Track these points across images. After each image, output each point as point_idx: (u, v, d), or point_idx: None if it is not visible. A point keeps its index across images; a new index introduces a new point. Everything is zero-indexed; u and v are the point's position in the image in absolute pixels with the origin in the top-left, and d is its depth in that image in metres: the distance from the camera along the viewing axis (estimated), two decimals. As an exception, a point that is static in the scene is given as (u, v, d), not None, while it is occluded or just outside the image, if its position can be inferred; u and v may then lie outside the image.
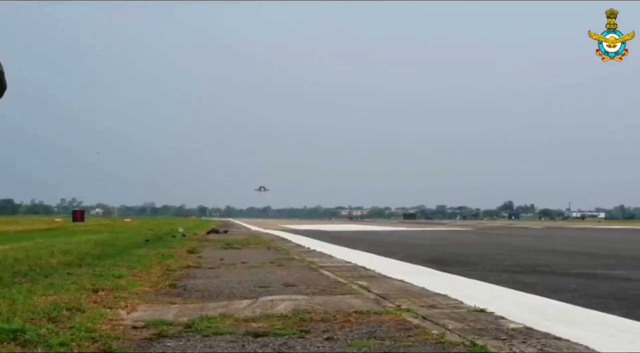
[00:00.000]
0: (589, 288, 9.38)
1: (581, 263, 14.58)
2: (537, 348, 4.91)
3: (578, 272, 12.06)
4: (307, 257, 15.04)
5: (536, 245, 24.77)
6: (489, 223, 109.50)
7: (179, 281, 9.88)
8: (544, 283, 10.16)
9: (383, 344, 5.08)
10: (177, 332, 5.61)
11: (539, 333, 5.53)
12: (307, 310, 6.71)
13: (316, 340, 5.28)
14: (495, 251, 20.43)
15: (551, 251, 20.10)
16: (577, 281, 10.35)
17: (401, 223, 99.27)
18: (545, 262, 14.82)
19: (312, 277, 10.40)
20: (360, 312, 6.63)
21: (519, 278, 10.88)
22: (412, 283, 9.42)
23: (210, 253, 16.67)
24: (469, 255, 17.51)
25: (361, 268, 12.19)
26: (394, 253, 17.21)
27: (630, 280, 10.71)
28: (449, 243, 26.78)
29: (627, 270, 12.43)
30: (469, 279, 10.54)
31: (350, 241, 26.48)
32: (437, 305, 7.26)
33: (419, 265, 13.27)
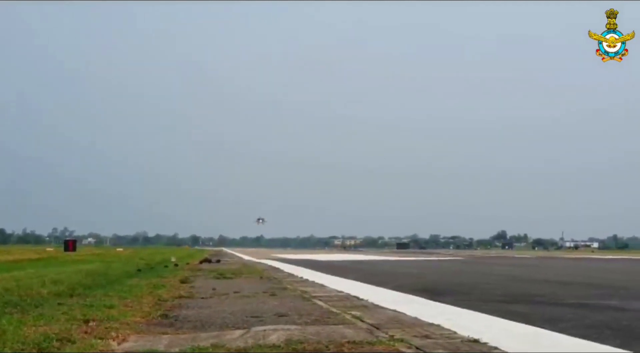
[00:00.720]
0: (583, 318, 9.36)
1: (575, 293, 14.55)
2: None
3: (572, 302, 12.03)
4: (299, 287, 14.97)
5: (529, 275, 24.72)
6: (482, 252, 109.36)
7: (171, 311, 9.82)
8: (538, 313, 10.13)
9: (376, 375, 5.05)
10: (169, 362, 5.57)
11: (534, 363, 5.51)
12: (300, 340, 6.67)
13: (309, 371, 5.24)
14: (488, 281, 20.39)
15: (544, 281, 20.05)
16: (571, 311, 10.33)
17: (394, 252, 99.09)
18: (538, 292, 14.79)
19: (305, 307, 10.35)
20: (353, 342, 6.60)
21: (513, 308, 10.85)
22: (405, 313, 9.38)
23: (203, 282, 16.59)
24: (462, 285, 17.46)
25: (354, 297, 12.14)
26: (386, 283, 17.15)
27: (624, 310, 10.70)
28: (442, 272, 26.73)
29: (621, 300, 12.41)
30: (462, 309, 10.49)
31: (343, 270, 26.39)
32: (430, 335, 7.23)
33: (412, 295, 13.22)
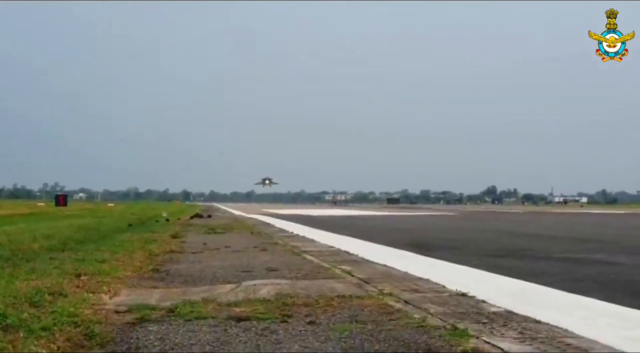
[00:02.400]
0: (571, 272, 9.47)
1: (563, 248, 14.69)
2: (517, 332, 4.95)
3: (560, 256, 12.15)
4: (290, 242, 15.06)
5: (518, 230, 24.92)
6: (472, 207, 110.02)
7: (162, 266, 9.87)
8: (526, 267, 10.23)
9: (365, 328, 5.11)
10: (160, 316, 5.62)
11: (519, 317, 5.58)
12: (289, 294, 6.73)
13: (298, 324, 5.29)
14: (477, 235, 20.55)
15: (534, 236, 20.23)
16: (559, 265, 10.43)
17: (385, 207, 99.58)
18: (528, 246, 14.92)
19: (296, 262, 10.42)
20: (342, 296, 6.66)
21: (501, 262, 10.95)
22: (395, 268, 9.46)
23: (194, 237, 16.65)
24: (451, 240, 17.59)
25: (344, 252, 12.23)
26: (377, 238, 17.27)
27: (611, 264, 10.81)
28: (432, 227, 26.90)
29: (609, 254, 12.52)
30: (451, 263, 10.59)
31: (334, 225, 26.53)
32: (419, 289, 7.30)
33: (402, 250, 13.32)
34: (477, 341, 4.63)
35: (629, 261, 11.19)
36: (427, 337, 4.78)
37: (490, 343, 4.56)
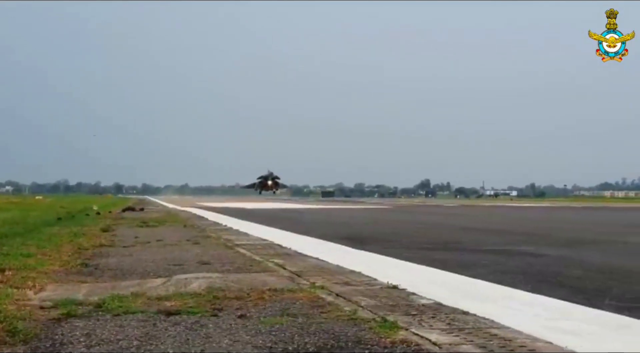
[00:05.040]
0: (499, 264, 9.66)
1: (493, 240, 15.01)
2: (445, 323, 5.03)
3: (489, 249, 12.39)
4: (223, 235, 14.96)
5: (451, 223, 25.34)
6: (406, 200, 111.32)
7: (91, 260, 9.68)
8: (457, 259, 10.40)
9: (295, 321, 5.11)
10: (87, 311, 5.50)
11: (447, 309, 5.66)
12: (221, 287, 6.68)
13: (229, 318, 5.26)
14: (410, 228, 20.81)
15: (465, 229, 20.60)
16: (488, 258, 10.64)
17: (320, 201, 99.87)
18: (458, 239, 15.18)
19: (228, 255, 10.36)
20: (274, 289, 6.64)
21: (433, 255, 11.10)
22: (328, 261, 9.49)
23: (125, 231, 16.38)
24: (385, 233, 17.76)
25: (277, 246, 12.21)
26: (311, 231, 17.31)
27: (538, 255, 11.07)
28: (365, 220, 27.10)
29: (536, 247, 12.83)
30: (384, 256, 10.69)
31: (268, 219, 26.47)
32: (351, 282, 7.34)
33: (335, 243, 13.38)
34: (406, 333, 4.68)
35: (554, 253, 11.49)
36: (357, 330, 4.81)
37: (419, 334, 4.61)
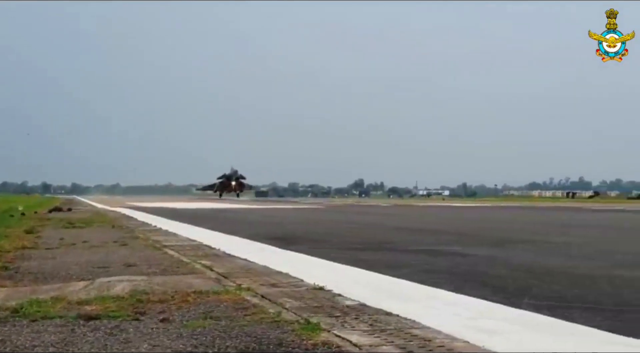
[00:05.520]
0: (426, 264, 9.79)
1: (423, 240, 15.22)
2: (367, 324, 5.07)
3: (418, 249, 12.54)
4: (152, 236, 14.75)
5: (382, 223, 25.57)
6: (340, 200, 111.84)
7: (12, 263, 9.40)
8: (385, 260, 10.50)
9: (218, 324, 5.07)
10: (3, 317, 5.35)
11: (371, 310, 5.71)
12: (145, 290, 6.59)
13: (151, 322, 5.19)
14: (341, 228, 20.92)
15: (397, 229, 20.82)
16: (416, 258, 10.77)
17: (253, 200, 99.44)
18: (389, 239, 15.32)
19: (155, 256, 10.22)
20: (199, 291, 6.58)
21: (362, 255, 11.18)
22: (256, 262, 9.46)
23: (50, 232, 15.99)
24: (315, 233, 17.80)
25: (206, 246, 12.11)
26: (241, 231, 17.22)
27: (464, 255, 11.27)
28: (297, 220, 27.10)
29: (464, 246, 13.04)
30: (312, 257, 10.70)
31: (199, 219, 26.24)
32: (277, 283, 7.33)
33: (264, 243, 13.34)
34: (328, 335, 4.70)
35: (480, 253, 11.71)
36: (279, 332, 4.81)
37: (341, 336, 4.64)
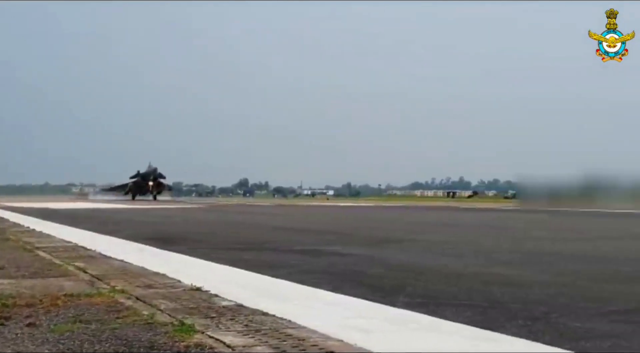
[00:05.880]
0: (306, 264, 9.85)
1: (304, 240, 15.31)
2: (243, 325, 5.03)
3: (299, 249, 12.61)
4: (24, 237, 14.15)
5: (265, 222, 25.57)
6: (224, 200, 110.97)
7: None
8: (265, 260, 10.49)
9: (88, 328, 4.90)
10: None
11: (248, 310, 5.67)
12: (11, 294, 6.30)
13: (16, 327, 4.95)
14: (223, 228, 20.79)
15: (279, 229, 20.86)
16: (297, 258, 10.81)
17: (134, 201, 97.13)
18: (270, 239, 15.32)
19: (26, 259, 9.79)
20: (70, 294, 6.35)
21: (242, 255, 11.11)
22: (132, 263, 9.23)
23: None
24: (197, 233, 17.61)
25: (81, 248, 11.72)
26: (119, 232, 16.79)
27: (344, 255, 11.40)
28: (179, 221, 26.74)
29: (344, 246, 13.21)
30: (192, 257, 10.55)
31: (76, 219, 25.41)
32: (154, 284, 7.18)
33: (143, 244, 13.04)
34: (201, 336, 4.62)
35: (360, 252, 11.89)
36: (152, 334, 4.69)
37: (214, 337, 4.58)
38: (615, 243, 15.35)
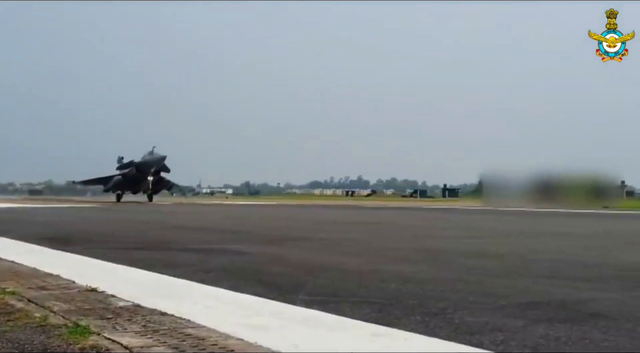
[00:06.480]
0: (205, 263, 9.74)
1: (203, 239, 15.18)
2: (140, 325, 4.94)
3: (199, 247, 12.49)
4: None
5: (164, 221, 25.20)
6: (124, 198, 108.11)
7: None
8: (165, 259, 10.33)
9: (-25, 332, 4.69)
10: None
11: (146, 310, 5.58)
12: None
13: None
14: (121, 228, 20.35)
15: (177, 227, 20.61)
16: (196, 257, 10.70)
17: (27, 199, 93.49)
18: (168, 238, 15.11)
19: None
20: (-48, 300, 6.06)
21: (141, 255, 10.91)
22: (24, 264, 8.92)
23: None
24: (93, 233, 17.16)
25: (-35, 250, 11.20)
26: (9, 232, 16.13)
27: (244, 253, 11.35)
28: (75, 220, 26.05)
29: (244, 244, 13.17)
30: (87, 257, 10.25)
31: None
32: (47, 286, 6.95)
33: (35, 244, 12.58)
34: (97, 338, 4.51)
35: (260, 250, 11.89)
36: (44, 337, 4.54)
37: (111, 338, 4.47)
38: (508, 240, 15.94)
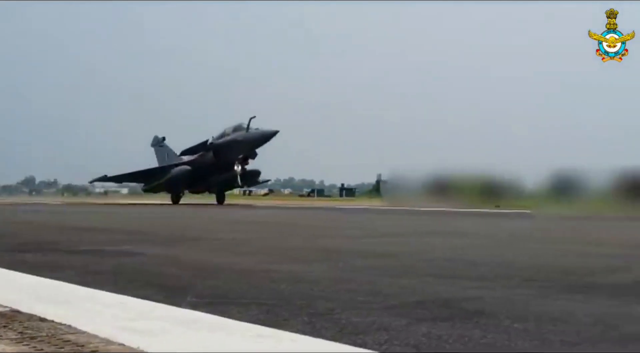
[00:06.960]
0: (92, 265, 9.46)
1: (91, 239, 14.77)
2: (17, 332, 4.73)
3: (87, 249, 12.16)
4: None
5: (51, 221, 24.43)
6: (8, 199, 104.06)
7: None
8: (49, 261, 9.98)
9: None
10: None
11: (24, 316, 5.35)
12: None
13: None
14: (5, 228, 19.56)
15: (65, 228, 20.00)
16: (83, 258, 10.39)
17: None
18: (55, 239, 14.62)
19: None
20: None
21: (23, 257, 10.49)
22: None
23: None
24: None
25: None
26: None
27: (133, 254, 11.09)
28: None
29: (135, 245, 12.87)
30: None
31: None
32: None
33: None
34: (-32, 346, 4.29)
35: (150, 252, 11.65)
36: None
37: (-17, 347, 4.27)
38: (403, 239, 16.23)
